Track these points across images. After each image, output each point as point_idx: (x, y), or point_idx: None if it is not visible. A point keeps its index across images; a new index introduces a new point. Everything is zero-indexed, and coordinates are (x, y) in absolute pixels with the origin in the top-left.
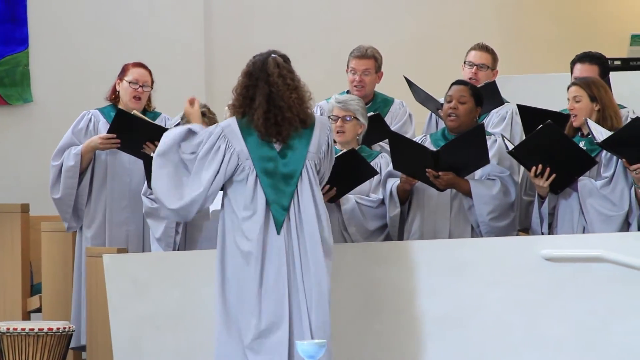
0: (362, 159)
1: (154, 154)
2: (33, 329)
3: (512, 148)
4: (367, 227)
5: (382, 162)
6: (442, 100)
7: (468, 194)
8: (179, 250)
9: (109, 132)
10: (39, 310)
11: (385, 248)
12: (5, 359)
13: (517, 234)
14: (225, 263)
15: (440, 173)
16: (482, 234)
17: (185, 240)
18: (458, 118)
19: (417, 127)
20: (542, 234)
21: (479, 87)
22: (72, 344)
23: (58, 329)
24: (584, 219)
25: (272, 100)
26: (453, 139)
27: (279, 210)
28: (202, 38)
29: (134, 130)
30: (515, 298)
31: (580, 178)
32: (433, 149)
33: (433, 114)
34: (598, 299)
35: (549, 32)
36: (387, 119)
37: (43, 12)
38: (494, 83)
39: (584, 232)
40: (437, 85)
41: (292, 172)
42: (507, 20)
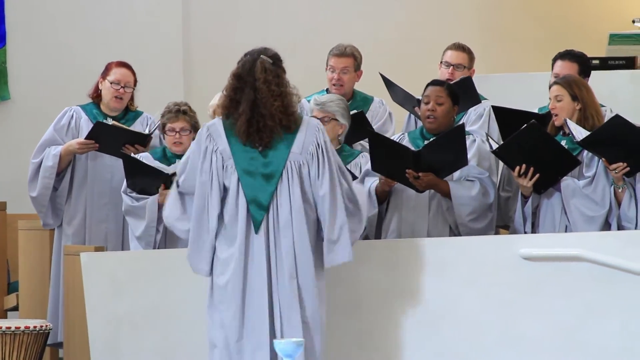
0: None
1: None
2: (10, 327)
3: (495, 147)
4: None
5: (362, 161)
6: (420, 97)
7: (447, 195)
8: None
9: (87, 138)
10: (16, 309)
11: (363, 247)
12: None
13: (495, 233)
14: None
15: (421, 174)
16: (460, 235)
17: (166, 240)
18: (436, 119)
19: (397, 125)
20: (525, 234)
21: (455, 82)
22: (49, 341)
23: (35, 327)
24: (567, 219)
25: (255, 107)
26: (434, 139)
27: (257, 210)
28: (180, 36)
29: (113, 136)
30: (494, 297)
31: (564, 178)
32: (414, 149)
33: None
34: (576, 298)
35: (528, 31)
36: (367, 118)
37: (21, 9)
38: (470, 79)
39: (567, 231)
40: (417, 84)
41: (272, 172)
42: (486, 20)
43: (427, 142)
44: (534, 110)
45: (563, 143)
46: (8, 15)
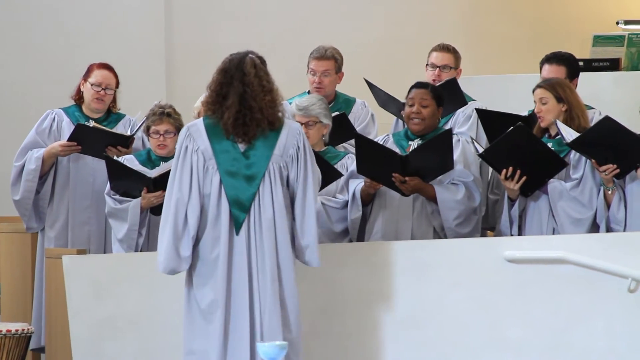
0: (325, 162)
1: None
2: None
3: (482, 151)
4: (333, 229)
5: (348, 162)
6: (403, 101)
7: (432, 199)
8: (140, 252)
9: (69, 140)
10: None
11: (347, 249)
12: None
13: (482, 235)
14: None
15: (407, 178)
16: (445, 238)
17: (148, 242)
18: (421, 122)
19: (379, 127)
20: (511, 236)
21: (440, 85)
22: (32, 346)
23: (17, 331)
24: (554, 221)
25: (244, 101)
26: (422, 144)
27: (239, 211)
28: (162, 37)
29: (94, 138)
30: (478, 299)
31: (550, 180)
32: (401, 154)
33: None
34: (560, 301)
35: (513, 33)
36: (349, 120)
37: (0, 10)
38: (454, 80)
39: (554, 234)
40: (401, 86)
41: (255, 173)
42: (470, 22)
43: (411, 143)
44: (524, 113)
45: (549, 145)
46: None
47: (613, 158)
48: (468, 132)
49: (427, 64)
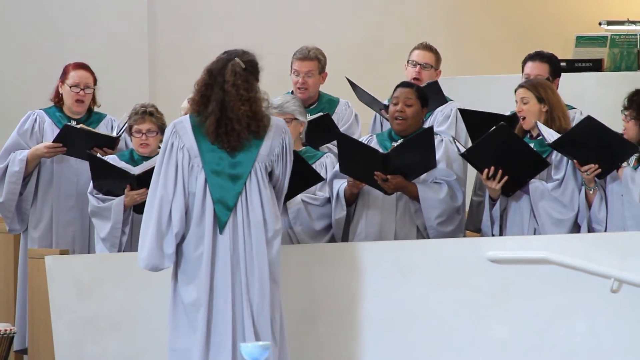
0: (306, 165)
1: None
2: None
3: (464, 150)
4: (313, 227)
5: (327, 161)
6: (386, 102)
7: (415, 198)
8: (125, 252)
9: (55, 141)
10: None
11: (330, 249)
12: None
13: (464, 236)
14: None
15: (389, 176)
16: (429, 237)
17: (132, 241)
18: (405, 121)
19: (363, 127)
20: (492, 236)
21: (423, 87)
22: (16, 347)
23: None
24: (536, 221)
25: (224, 110)
26: (403, 142)
27: (223, 210)
28: (146, 37)
29: (81, 139)
30: (460, 300)
31: (532, 180)
32: (382, 151)
33: (377, 115)
34: (542, 301)
35: (495, 33)
36: (333, 120)
37: None
38: (437, 83)
39: (535, 234)
40: (384, 86)
41: (240, 173)
42: (453, 22)
43: (395, 143)
44: (507, 113)
45: (531, 145)
46: None
47: (595, 158)
48: (447, 131)
49: (407, 61)
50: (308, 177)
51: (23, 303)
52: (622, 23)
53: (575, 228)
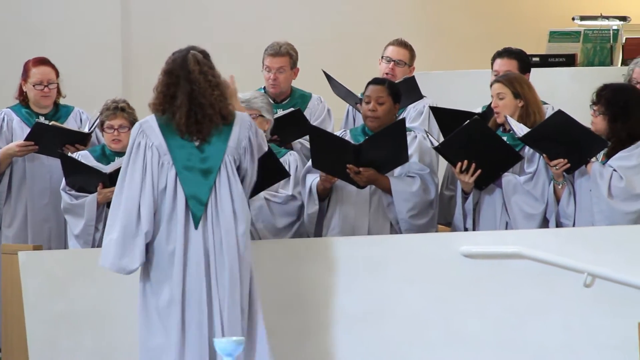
0: (276, 160)
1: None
2: None
3: (437, 144)
4: (275, 224)
5: (290, 159)
6: (360, 95)
7: (388, 191)
8: (98, 247)
9: (27, 140)
10: None
11: (304, 245)
12: None
13: (437, 230)
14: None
15: (361, 169)
16: (401, 231)
17: None
18: (377, 119)
19: (336, 122)
20: (465, 230)
21: (398, 82)
22: None
23: None
24: (508, 215)
25: (193, 99)
26: (375, 133)
27: (197, 205)
28: (119, 33)
29: (52, 137)
30: (434, 295)
31: (505, 174)
32: (354, 143)
33: (350, 109)
34: (516, 296)
35: (469, 28)
36: (305, 115)
37: None
38: (413, 78)
39: (507, 228)
40: (358, 81)
41: (210, 167)
42: (427, 17)
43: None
44: (477, 109)
45: (504, 139)
46: None
47: (564, 153)
48: (420, 126)
49: (382, 57)
50: (275, 172)
51: None
52: (595, 18)
53: (544, 222)
